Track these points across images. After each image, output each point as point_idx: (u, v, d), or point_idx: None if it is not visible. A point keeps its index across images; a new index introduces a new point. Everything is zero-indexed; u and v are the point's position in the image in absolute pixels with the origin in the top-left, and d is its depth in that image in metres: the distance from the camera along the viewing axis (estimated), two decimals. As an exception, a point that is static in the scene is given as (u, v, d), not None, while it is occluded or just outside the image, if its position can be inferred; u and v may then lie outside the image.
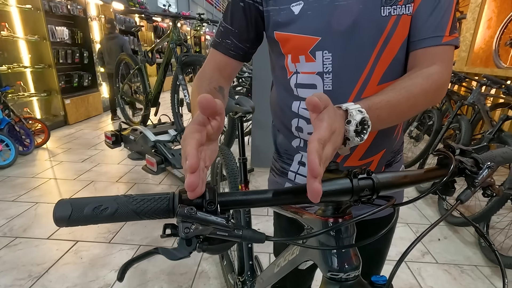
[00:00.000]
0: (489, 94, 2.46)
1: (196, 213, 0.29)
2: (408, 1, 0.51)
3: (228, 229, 0.29)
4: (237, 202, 0.32)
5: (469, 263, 1.64)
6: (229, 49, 0.62)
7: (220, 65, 0.63)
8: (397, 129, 0.65)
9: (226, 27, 0.62)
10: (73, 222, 0.29)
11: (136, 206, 0.30)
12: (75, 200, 0.30)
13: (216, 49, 0.63)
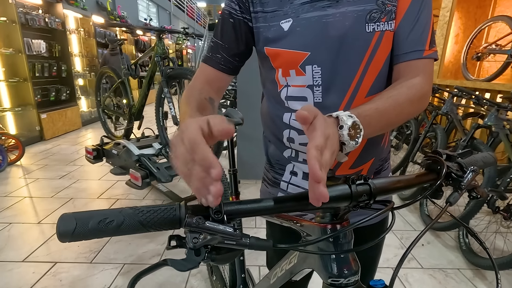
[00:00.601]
0: (460, 104, 2.62)
1: (204, 223, 0.29)
2: (390, 18, 0.55)
3: (236, 238, 0.30)
4: (243, 211, 0.33)
5: (452, 266, 1.70)
6: (219, 63, 0.63)
7: (209, 78, 0.64)
8: (385, 138, 0.68)
9: (216, 42, 0.63)
10: (78, 236, 0.28)
11: (143, 218, 0.29)
12: (79, 213, 0.29)
13: (207, 63, 0.64)
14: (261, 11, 0.59)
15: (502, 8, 3.22)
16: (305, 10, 0.56)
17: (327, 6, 0.55)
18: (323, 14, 0.55)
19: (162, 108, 2.08)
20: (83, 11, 5.25)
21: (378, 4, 0.54)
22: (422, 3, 0.55)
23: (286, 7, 0.57)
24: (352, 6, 0.54)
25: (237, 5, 0.60)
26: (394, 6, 0.54)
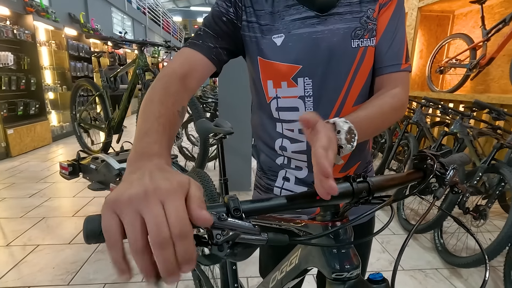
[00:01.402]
0: (428, 113, 2.81)
1: (226, 219, 0.30)
2: (372, 35, 0.61)
3: (255, 233, 0.31)
4: (259, 208, 0.35)
5: (431, 267, 1.78)
6: (211, 53, 0.60)
7: (194, 65, 0.58)
8: (369, 143, 0.73)
9: (207, 32, 0.61)
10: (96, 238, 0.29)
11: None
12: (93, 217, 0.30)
13: (194, 49, 0.59)
14: (255, 21, 0.62)
15: (459, 26, 3.55)
16: (296, 26, 0.60)
17: (317, 23, 0.60)
18: (313, 31, 0.60)
19: (143, 120, 2.05)
20: (54, 23, 5.09)
21: (361, 22, 0.59)
22: (398, 23, 0.61)
23: (278, 22, 0.61)
24: (339, 24, 0.59)
25: (231, 7, 0.61)
26: (375, 25, 0.60)
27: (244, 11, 0.62)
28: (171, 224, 0.26)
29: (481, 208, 1.79)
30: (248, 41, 0.63)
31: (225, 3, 0.62)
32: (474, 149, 2.14)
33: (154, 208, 0.26)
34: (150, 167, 0.32)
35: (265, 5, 0.62)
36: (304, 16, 0.60)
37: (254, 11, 0.62)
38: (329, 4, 0.59)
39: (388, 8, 0.61)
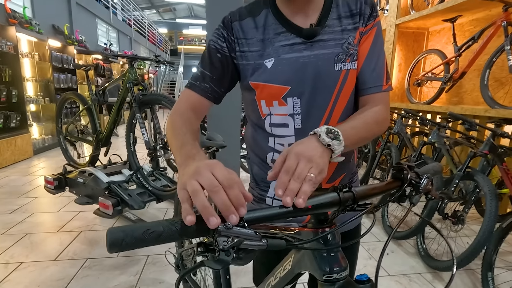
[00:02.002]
0: (408, 124, 2.95)
1: (232, 228, 0.35)
2: (353, 59, 0.68)
3: (256, 239, 0.36)
4: (258, 218, 0.39)
5: (414, 271, 1.85)
6: (207, 92, 0.69)
7: (195, 105, 0.69)
8: (353, 155, 0.80)
9: (204, 72, 0.69)
10: (126, 246, 0.32)
11: (178, 228, 0.34)
12: (125, 227, 0.33)
13: (193, 90, 0.69)
14: (248, 50, 0.69)
15: (434, 42, 3.78)
16: (285, 51, 0.67)
17: (303, 49, 0.66)
18: (300, 56, 0.66)
19: (133, 133, 2.06)
20: (38, 34, 5.03)
21: (343, 48, 0.66)
22: (379, 48, 0.69)
23: (269, 48, 0.67)
24: (323, 50, 0.66)
25: (224, 42, 0.69)
26: (356, 50, 0.68)
27: (236, 43, 0.68)
28: (220, 179, 0.38)
29: (458, 214, 1.89)
30: (242, 68, 0.70)
31: (219, 39, 0.68)
32: (450, 158, 2.27)
33: (205, 174, 0.39)
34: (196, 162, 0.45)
35: (255, 33, 0.68)
36: (292, 42, 0.67)
37: (246, 41, 0.68)
38: (314, 32, 0.65)
39: (369, 36, 0.68)
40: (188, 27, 25.21)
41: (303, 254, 0.53)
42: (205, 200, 0.37)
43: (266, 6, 0.69)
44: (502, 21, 2.46)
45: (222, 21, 0.71)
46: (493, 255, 1.57)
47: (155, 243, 0.33)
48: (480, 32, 2.71)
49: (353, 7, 0.67)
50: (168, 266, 1.86)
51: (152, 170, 2.17)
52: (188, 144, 0.56)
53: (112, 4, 9.59)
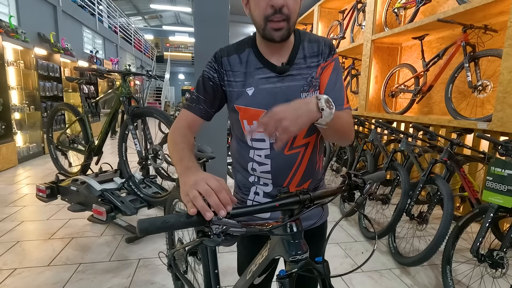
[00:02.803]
0: (382, 133, 3.20)
1: (222, 219, 0.51)
2: (316, 89, 0.86)
3: (238, 227, 0.52)
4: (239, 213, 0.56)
5: (385, 267, 2.05)
6: (201, 112, 0.86)
7: (191, 123, 0.86)
8: (318, 164, 0.97)
9: (198, 96, 0.87)
10: (150, 232, 0.48)
11: (185, 220, 0.50)
12: (148, 219, 0.49)
13: (190, 111, 0.86)
14: (233, 80, 0.86)
15: (406, 56, 4.09)
16: (263, 82, 0.84)
17: (276, 81, 0.84)
18: (274, 86, 0.84)
19: (125, 143, 2.17)
20: (24, 43, 5.04)
21: (307, 81, 0.84)
22: (337, 76, 0.87)
23: (250, 79, 0.85)
24: (292, 82, 0.84)
25: (215, 73, 0.87)
26: (318, 81, 0.86)
27: (225, 74, 0.86)
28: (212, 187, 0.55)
29: (423, 215, 2.11)
30: (229, 94, 0.87)
31: (211, 70, 0.86)
32: (418, 164, 2.51)
33: (202, 185, 0.56)
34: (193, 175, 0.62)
35: (240, 67, 0.85)
36: (268, 76, 0.84)
37: (232, 73, 0.85)
38: (285, 69, 0.83)
39: (329, 68, 0.87)
40: (174, 34, 25.25)
41: (276, 243, 0.70)
42: (202, 202, 0.53)
43: (249, 46, 0.87)
44: (461, 41, 2.76)
45: (214, 56, 0.88)
46: (451, 250, 1.78)
47: (169, 230, 0.49)
48: (444, 50, 3.01)
49: (315, 49, 0.86)
50: (159, 268, 1.98)
51: (142, 178, 2.29)
52: (186, 157, 0.73)
53: (98, 12, 9.60)
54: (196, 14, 2.73)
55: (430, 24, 3.04)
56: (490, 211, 1.59)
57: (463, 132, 2.61)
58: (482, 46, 2.72)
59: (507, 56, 2.23)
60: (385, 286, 1.86)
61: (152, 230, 0.48)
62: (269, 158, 0.88)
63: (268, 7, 0.73)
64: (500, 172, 1.54)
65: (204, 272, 1.20)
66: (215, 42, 2.75)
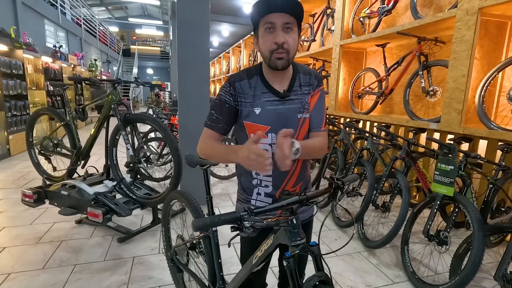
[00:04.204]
0: (350, 132, 3.55)
1: (250, 216, 0.71)
2: (308, 111, 1.09)
3: (261, 222, 0.73)
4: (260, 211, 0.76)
5: (355, 251, 2.37)
6: (221, 130, 1.07)
7: (212, 137, 1.07)
8: (307, 171, 1.21)
9: (218, 117, 1.07)
10: (202, 228, 0.67)
11: (226, 218, 0.70)
12: (201, 219, 0.68)
13: (212, 129, 1.07)
14: (244, 101, 1.06)
15: (371, 61, 4.49)
16: (268, 104, 1.05)
17: (279, 104, 1.05)
18: (277, 108, 1.05)
19: (115, 148, 2.26)
20: (-17, 39, 4.73)
21: (302, 104, 1.07)
22: (321, 105, 1.11)
23: (257, 101, 1.06)
24: (291, 105, 1.06)
25: (231, 97, 1.06)
26: (309, 105, 1.09)
27: (238, 96, 1.06)
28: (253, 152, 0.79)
29: (386, 204, 2.46)
30: (240, 112, 1.07)
31: (227, 94, 1.06)
32: (382, 160, 2.87)
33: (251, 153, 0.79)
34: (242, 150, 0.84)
35: (249, 91, 1.06)
36: (272, 99, 1.06)
37: (243, 95, 1.06)
38: (286, 95, 1.05)
39: (315, 96, 1.11)
40: (141, 27, 24.31)
41: (280, 232, 0.91)
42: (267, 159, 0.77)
43: (256, 74, 1.08)
44: (416, 51, 3.15)
45: (228, 81, 1.08)
46: (408, 233, 2.14)
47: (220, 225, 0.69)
48: (402, 58, 3.40)
49: (308, 80, 1.10)
50: (155, 264, 2.12)
51: (132, 180, 2.39)
52: (226, 147, 1.02)
53: (60, 3, 9.06)
54: (179, 21, 2.83)
55: (390, 35, 3.41)
56: (437, 199, 1.95)
57: (418, 131, 3.02)
58: (433, 56, 3.13)
59: (452, 67, 2.63)
60: (355, 267, 2.17)
61: (203, 227, 0.67)
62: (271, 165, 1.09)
63: (273, 43, 0.96)
64: (445, 168, 1.90)
65: (208, 262, 1.39)
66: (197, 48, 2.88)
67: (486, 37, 2.56)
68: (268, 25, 0.95)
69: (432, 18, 2.82)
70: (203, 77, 2.95)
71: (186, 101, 2.93)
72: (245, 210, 0.74)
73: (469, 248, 1.71)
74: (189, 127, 2.99)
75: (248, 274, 1.10)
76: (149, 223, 2.64)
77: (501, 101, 2.68)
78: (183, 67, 2.85)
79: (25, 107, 5.91)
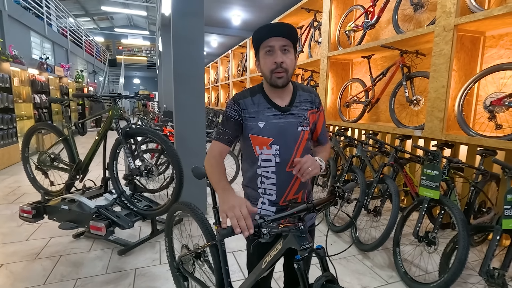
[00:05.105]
0: (340, 140, 3.70)
1: (267, 224, 0.80)
2: (307, 125, 1.20)
3: (277, 228, 0.82)
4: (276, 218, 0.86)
5: (350, 254, 2.48)
6: (227, 142, 1.17)
7: (222, 150, 1.17)
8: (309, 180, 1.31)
9: (224, 131, 1.18)
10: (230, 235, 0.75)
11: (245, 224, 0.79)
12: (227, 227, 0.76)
13: (220, 142, 1.17)
14: (248, 116, 1.17)
15: (357, 71, 4.70)
16: (271, 118, 1.16)
17: (281, 118, 1.17)
18: (279, 121, 1.16)
19: (116, 161, 2.30)
20: (-30, 52, 4.66)
21: (302, 119, 1.18)
22: (324, 123, 1.25)
23: (260, 116, 1.16)
24: (292, 119, 1.17)
25: (235, 112, 1.17)
26: (308, 120, 1.20)
27: (242, 111, 1.17)
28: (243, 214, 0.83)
29: (377, 208, 2.59)
30: (244, 126, 1.18)
31: (232, 110, 1.18)
32: (371, 166, 3.02)
33: (237, 211, 0.84)
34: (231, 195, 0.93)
35: (253, 107, 1.17)
36: (274, 113, 1.17)
37: (247, 111, 1.17)
38: (287, 109, 1.17)
39: (321, 116, 1.27)
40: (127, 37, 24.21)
41: (290, 237, 1.01)
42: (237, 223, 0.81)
43: (259, 92, 1.20)
44: (400, 63, 3.35)
45: (233, 99, 1.19)
46: (399, 235, 2.26)
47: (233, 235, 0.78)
48: (387, 69, 3.60)
49: (309, 98, 1.23)
50: (157, 275, 2.16)
51: (131, 192, 2.43)
52: (222, 180, 1.07)
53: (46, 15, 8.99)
54: (175, 36, 2.93)
55: (375, 47, 3.62)
56: (424, 203, 2.09)
57: (404, 138, 3.20)
58: (415, 68, 3.35)
59: (433, 78, 2.83)
60: (351, 269, 2.28)
61: (230, 234, 0.76)
62: (275, 174, 1.19)
63: (273, 63, 1.09)
64: (430, 173, 2.05)
65: (216, 270, 1.46)
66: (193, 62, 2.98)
67: (462, 50, 2.78)
68: (268, 48, 1.09)
69: (413, 33, 3.03)
70: (199, 90, 3.04)
71: (182, 113, 3.00)
72: (261, 218, 0.83)
73: (455, 247, 1.84)
74: (185, 139, 3.06)
75: (257, 279, 1.18)
76: (148, 234, 2.67)
77: (478, 110, 2.90)
78: (179, 80, 2.93)
79: (12, 121, 5.80)
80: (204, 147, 3.14)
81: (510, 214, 1.63)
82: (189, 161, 2.65)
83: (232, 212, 0.83)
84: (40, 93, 7.53)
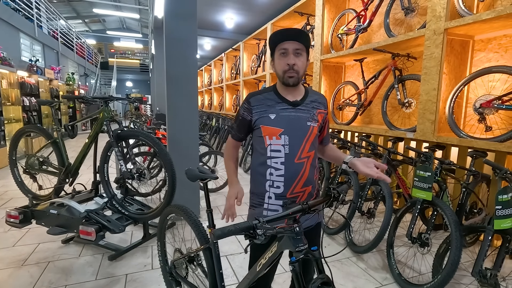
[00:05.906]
0: (334, 143, 3.71)
1: (262, 225, 0.79)
2: (316, 122, 1.23)
3: (272, 229, 0.80)
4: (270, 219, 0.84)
5: (344, 257, 2.47)
6: (240, 138, 1.33)
7: (235, 145, 1.38)
8: (315, 175, 1.30)
9: (235, 127, 1.31)
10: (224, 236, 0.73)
11: (239, 227, 0.77)
12: (219, 229, 0.74)
13: (234, 138, 1.36)
14: (259, 110, 1.22)
15: (349, 74, 4.74)
16: (282, 111, 1.20)
17: (291, 111, 1.21)
18: (290, 114, 1.20)
19: (107, 164, 2.25)
20: (-44, 54, 4.54)
21: (311, 115, 1.22)
22: (328, 126, 1.28)
23: (272, 109, 1.21)
24: (302, 113, 1.21)
25: (245, 112, 1.26)
26: (317, 118, 1.23)
27: (253, 108, 1.23)
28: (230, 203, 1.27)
29: (371, 210, 2.60)
30: (255, 120, 1.23)
31: (242, 109, 1.26)
32: (364, 168, 3.03)
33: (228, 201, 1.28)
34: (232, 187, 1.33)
35: (265, 102, 1.23)
36: (285, 107, 1.21)
37: (259, 106, 1.23)
38: (298, 103, 1.21)
39: (326, 117, 1.31)
40: (119, 39, 24.03)
41: (284, 239, 0.99)
42: None
43: (271, 90, 1.27)
44: (391, 66, 3.39)
45: (246, 98, 1.27)
46: (393, 237, 2.27)
47: (235, 234, 0.75)
48: (379, 72, 3.64)
49: (319, 99, 1.29)
50: (149, 280, 2.11)
51: (123, 196, 2.38)
52: (232, 172, 1.37)
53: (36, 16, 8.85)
54: (167, 38, 2.91)
55: (367, 50, 3.66)
56: (417, 204, 2.10)
57: (396, 140, 3.22)
58: (407, 71, 3.39)
59: (424, 81, 2.87)
60: (345, 272, 2.27)
61: (221, 235, 0.74)
62: (283, 165, 1.21)
63: (286, 65, 1.19)
64: (423, 174, 2.06)
65: (209, 273, 1.43)
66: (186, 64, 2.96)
67: (452, 54, 2.82)
68: (282, 50, 1.18)
69: (404, 36, 3.07)
70: (192, 92, 3.01)
71: (175, 116, 2.97)
72: (256, 219, 0.82)
73: (448, 248, 1.85)
74: (178, 141, 3.03)
75: (253, 281, 1.16)
76: (140, 239, 2.62)
77: (468, 112, 2.94)
78: (172, 83, 2.90)
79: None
80: (197, 150, 3.11)
81: (501, 215, 1.65)
82: (182, 164, 2.62)
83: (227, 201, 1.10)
84: (30, 95, 7.39)
